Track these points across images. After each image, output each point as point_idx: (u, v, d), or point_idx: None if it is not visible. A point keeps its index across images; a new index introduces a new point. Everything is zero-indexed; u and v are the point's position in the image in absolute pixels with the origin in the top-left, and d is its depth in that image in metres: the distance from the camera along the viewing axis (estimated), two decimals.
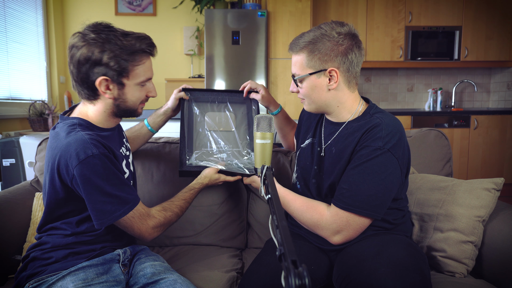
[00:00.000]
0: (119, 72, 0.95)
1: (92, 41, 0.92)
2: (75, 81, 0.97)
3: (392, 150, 0.96)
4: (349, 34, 1.00)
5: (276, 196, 0.70)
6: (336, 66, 1.00)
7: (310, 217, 1.02)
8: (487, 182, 1.17)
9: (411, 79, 4.17)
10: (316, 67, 1.01)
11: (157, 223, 1.03)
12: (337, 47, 0.99)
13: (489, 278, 1.11)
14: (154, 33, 3.83)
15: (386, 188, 0.96)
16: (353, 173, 0.98)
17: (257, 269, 1.02)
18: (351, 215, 0.97)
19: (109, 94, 0.97)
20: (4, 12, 2.96)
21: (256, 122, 1.04)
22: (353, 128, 1.04)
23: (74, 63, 0.94)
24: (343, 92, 1.05)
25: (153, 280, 1.01)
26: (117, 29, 0.97)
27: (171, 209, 1.09)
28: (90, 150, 0.90)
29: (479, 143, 3.57)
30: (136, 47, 0.95)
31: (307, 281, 0.43)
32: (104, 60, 0.92)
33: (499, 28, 3.74)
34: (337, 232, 0.99)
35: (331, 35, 0.99)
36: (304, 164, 1.17)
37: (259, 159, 1.02)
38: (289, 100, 3.50)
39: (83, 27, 0.96)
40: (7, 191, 1.39)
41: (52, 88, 3.65)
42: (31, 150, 2.33)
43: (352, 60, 1.01)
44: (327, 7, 3.71)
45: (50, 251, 0.99)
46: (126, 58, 0.94)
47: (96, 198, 0.91)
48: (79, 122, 0.99)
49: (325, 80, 1.02)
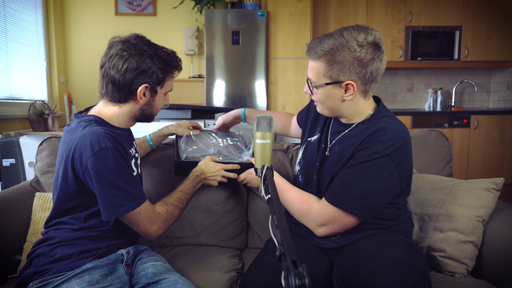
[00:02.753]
0: (158, 82, 1.06)
1: (143, 52, 1.01)
2: (114, 84, 1.02)
3: (392, 155, 0.96)
4: (372, 45, 0.95)
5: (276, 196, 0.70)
6: (354, 79, 0.97)
7: (299, 207, 1.05)
8: (487, 182, 1.17)
9: (411, 79, 4.17)
10: (333, 77, 0.98)
11: (161, 219, 1.06)
12: (357, 60, 0.94)
13: (489, 278, 1.11)
14: (154, 33, 3.84)
15: (379, 191, 0.97)
16: (348, 172, 0.99)
17: (257, 269, 1.02)
18: (338, 211, 0.98)
19: (143, 100, 1.06)
20: (4, 12, 2.96)
21: (256, 122, 1.04)
22: (359, 130, 1.05)
23: (120, 70, 1.00)
24: (358, 103, 1.04)
25: (154, 280, 1.02)
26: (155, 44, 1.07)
27: (171, 202, 1.12)
28: (104, 143, 0.94)
29: (479, 143, 3.57)
30: (173, 62, 1.08)
31: (307, 281, 0.43)
32: (152, 70, 1.02)
33: (499, 28, 3.74)
34: (322, 224, 1.02)
35: (352, 47, 0.94)
36: (309, 159, 1.18)
37: (259, 159, 1.02)
38: (289, 100, 3.50)
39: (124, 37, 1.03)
40: (7, 191, 1.39)
41: (52, 88, 3.65)
42: (31, 150, 2.32)
43: (372, 72, 0.97)
44: (327, 7, 3.71)
45: (56, 246, 1.00)
46: (167, 70, 1.06)
47: (107, 191, 0.94)
48: (95, 118, 1.04)
49: (341, 91, 1.00)
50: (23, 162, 2.37)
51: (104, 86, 1.04)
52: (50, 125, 3.09)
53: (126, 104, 1.06)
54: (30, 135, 2.49)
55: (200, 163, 1.25)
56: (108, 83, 1.03)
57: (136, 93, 1.04)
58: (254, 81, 3.42)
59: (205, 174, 1.23)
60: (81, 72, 3.82)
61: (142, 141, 1.43)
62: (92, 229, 1.03)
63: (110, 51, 1.02)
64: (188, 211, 1.43)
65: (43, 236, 1.05)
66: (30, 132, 2.93)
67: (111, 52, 1.02)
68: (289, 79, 3.48)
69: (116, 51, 1.01)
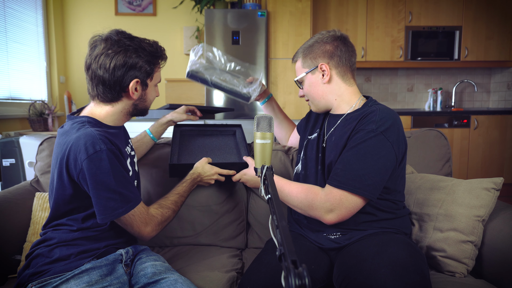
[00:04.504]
0: (147, 75, 1.06)
1: (127, 47, 1.01)
2: (104, 84, 1.02)
3: (386, 133, 1.01)
4: (333, 36, 1.16)
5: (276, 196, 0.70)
6: (326, 61, 1.14)
7: (305, 197, 1.06)
8: (487, 181, 1.17)
9: (411, 79, 4.17)
10: (310, 65, 1.17)
11: (155, 222, 1.06)
12: (324, 46, 1.15)
13: (489, 278, 1.11)
14: (154, 33, 3.84)
15: (379, 169, 1.00)
16: (348, 155, 1.03)
17: (257, 269, 1.02)
18: (344, 193, 1.00)
19: (135, 95, 1.06)
20: (4, 12, 2.96)
21: (256, 122, 1.05)
22: (351, 117, 1.11)
23: (108, 69, 1.00)
24: (338, 86, 1.16)
25: (153, 280, 1.02)
26: (136, 36, 1.06)
27: (166, 205, 1.12)
28: (99, 145, 0.94)
29: (479, 143, 3.57)
30: (158, 53, 1.07)
31: (307, 281, 0.43)
32: (139, 64, 1.02)
33: (499, 28, 3.74)
34: (330, 210, 1.02)
35: (319, 39, 1.16)
36: (310, 154, 1.22)
37: (259, 159, 1.03)
38: (289, 100, 3.50)
39: (105, 35, 1.02)
40: (7, 191, 1.39)
41: (52, 88, 3.66)
42: (31, 150, 2.33)
43: (340, 55, 1.14)
44: (327, 7, 3.71)
45: (55, 247, 1.00)
46: (153, 62, 1.06)
47: (101, 194, 0.94)
48: (88, 120, 1.03)
49: (319, 76, 1.16)
50: (23, 162, 2.38)
51: (95, 88, 1.03)
52: (50, 125, 3.10)
53: (119, 102, 1.06)
54: (30, 135, 2.49)
55: (196, 165, 1.25)
56: (98, 84, 1.02)
57: (127, 90, 1.03)
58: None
59: (201, 176, 1.24)
60: (81, 72, 3.81)
61: (142, 135, 1.42)
62: (90, 229, 1.03)
63: (94, 51, 1.01)
64: (188, 211, 1.43)
65: (41, 237, 1.05)
66: (30, 132, 2.93)
67: (96, 52, 1.00)
68: (289, 79, 3.48)
69: (100, 51, 1.00)
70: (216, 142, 1.48)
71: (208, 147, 1.43)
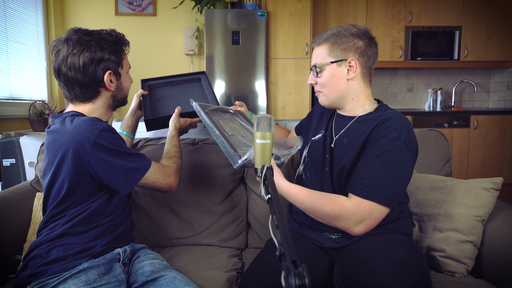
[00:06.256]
0: (117, 64, 1.08)
1: (89, 43, 1.02)
2: (80, 85, 1.03)
3: (407, 143, 1.01)
4: (367, 33, 1.11)
5: (276, 196, 0.70)
6: (356, 57, 1.09)
7: (331, 209, 1.01)
8: (486, 181, 1.17)
9: (411, 79, 4.17)
10: (338, 56, 1.10)
11: (174, 170, 1.14)
12: (358, 41, 1.09)
13: (489, 278, 1.11)
14: (154, 33, 3.84)
15: (403, 179, 1.01)
16: (374, 163, 1.00)
17: (257, 268, 1.02)
18: (374, 204, 0.99)
19: (112, 86, 1.08)
20: (4, 12, 2.96)
21: (256, 122, 1.04)
22: (365, 119, 1.10)
23: (78, 69, 1.02)
24: (359, 85, 1.12)
25: (152, 278, 1.02)
26: (93, 30, 1.08)
27: (174, 155, 1.19)
28: (100, 125, 0.98)
29: (479, 143, 3.57)
30: (119, 40, 1.10)
31: (307, 281, 0.43)
32: (106, 56, 1.05)
33: (499, 28, 3.74)
34: (359, 222, 1.00)
35: (353, 30, 1.10)
36: (315, 155, 1.20)
37: (259, 159, 1.02)
38: (289, 100, 3.50)
39: (63, 37, 1.04)
40: (7, 191, 1.39)
41: (52, 88, 3.66)
42: (31, 150, 2.33)
43: (370, 56, 1.10)
44: (327, 7, 3.71)
45: (52, 247, 0.99)
46: (118, 50, 1.08)
47: (121, 163, 1.00)
48: (76, 113, 1.05)
49: (344, 70, 1.10)
50: (23, 162, 2.38)
51: (71, 91, 1.05)
52: None
53: (98, 98, 1.09)
54: (30, 135, 2.49)
55: (171, 122, 1.28)
56: (74, 86, 1.04)
57: (103, 84, 1.06)
58: (254, 81, 3.42)
59: (180, 128, 1.29)
60: None
61: None
62: (87, 229, 1.02)
63: (59, 55, 1.02)
64: (188, 211, 1.43)
65: (38, 238, 1.05)
66: (30, 132, 2.93)
67: (61, 56, 1.01)
68: (289, 79, 3.48)
69: (65, 53, 1.01)
70: (184, 90, 1.52)
71: (177, 96, 1.48)
